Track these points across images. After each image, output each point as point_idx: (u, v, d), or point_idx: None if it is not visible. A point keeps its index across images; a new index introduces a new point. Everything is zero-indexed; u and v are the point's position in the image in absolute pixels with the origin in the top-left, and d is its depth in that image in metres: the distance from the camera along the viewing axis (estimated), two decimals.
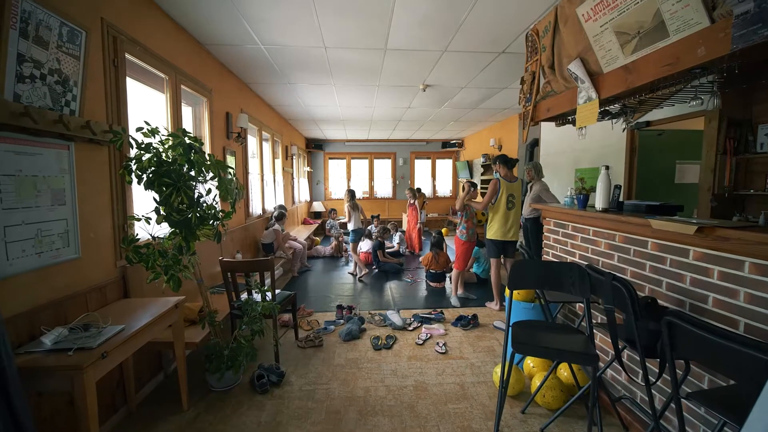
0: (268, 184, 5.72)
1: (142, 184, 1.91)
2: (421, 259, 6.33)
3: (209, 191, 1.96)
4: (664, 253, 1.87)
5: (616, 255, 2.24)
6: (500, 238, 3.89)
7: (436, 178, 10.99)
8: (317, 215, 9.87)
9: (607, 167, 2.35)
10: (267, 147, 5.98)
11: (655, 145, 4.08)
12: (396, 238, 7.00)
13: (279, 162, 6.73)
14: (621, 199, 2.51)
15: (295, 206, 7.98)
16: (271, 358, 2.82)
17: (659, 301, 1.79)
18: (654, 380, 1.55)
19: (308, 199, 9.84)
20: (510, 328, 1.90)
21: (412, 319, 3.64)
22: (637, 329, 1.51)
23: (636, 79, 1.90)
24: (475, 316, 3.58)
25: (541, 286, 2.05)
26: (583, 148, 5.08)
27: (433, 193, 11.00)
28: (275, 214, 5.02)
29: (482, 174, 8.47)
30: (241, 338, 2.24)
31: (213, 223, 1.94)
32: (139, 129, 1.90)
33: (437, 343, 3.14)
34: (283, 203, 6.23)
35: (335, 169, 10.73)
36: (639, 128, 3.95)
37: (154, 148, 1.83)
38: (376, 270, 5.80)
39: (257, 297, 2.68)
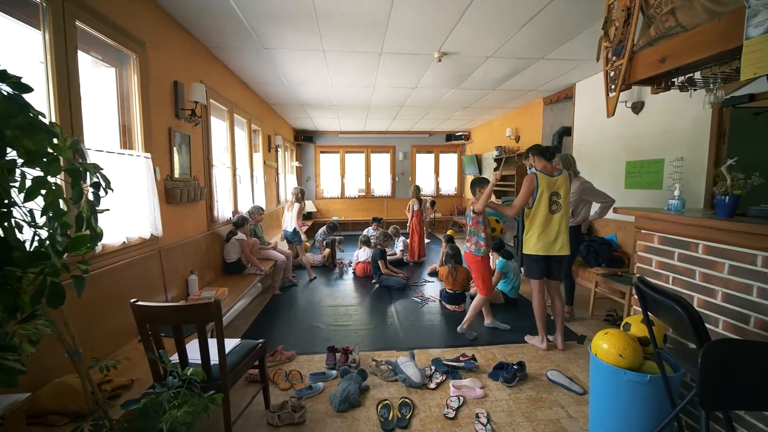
0: (243, 181, 4.62)
1: None
2: (431, 269, 5.29)
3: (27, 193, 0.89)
4: None
5: None
6: (543, 253, 2.87)
7: (439, 174, 9.95)
8: (308, 216, 8.77)
9: None
10: (242, 135, 4.88)
11: (750, 127, 3.08)
12: (399, 245, 5.97)
13: (259, 155, 5.63)
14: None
15: (280, 206, 6.88)
16: None
17: None
18: None
19: None
20: None
21: (433, 369, 2.60)
22: None
23: None
24: (521, 365, 2.55)
25: None
26: (636, 135, 4.07)
27: (437, 191, 9.96)
28: (234, 220, 3.90)
29: (495, 170, 7.44)
30: None
31: (47, 261, 0.88)
32: None
33: (476, 416, 2.11)
34: (260, 204, 5.11)
35: (328, 164, 9.61)
36: (734, 104, 2.95)
37: None
38: (377, 285, 4.75)
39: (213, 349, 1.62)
